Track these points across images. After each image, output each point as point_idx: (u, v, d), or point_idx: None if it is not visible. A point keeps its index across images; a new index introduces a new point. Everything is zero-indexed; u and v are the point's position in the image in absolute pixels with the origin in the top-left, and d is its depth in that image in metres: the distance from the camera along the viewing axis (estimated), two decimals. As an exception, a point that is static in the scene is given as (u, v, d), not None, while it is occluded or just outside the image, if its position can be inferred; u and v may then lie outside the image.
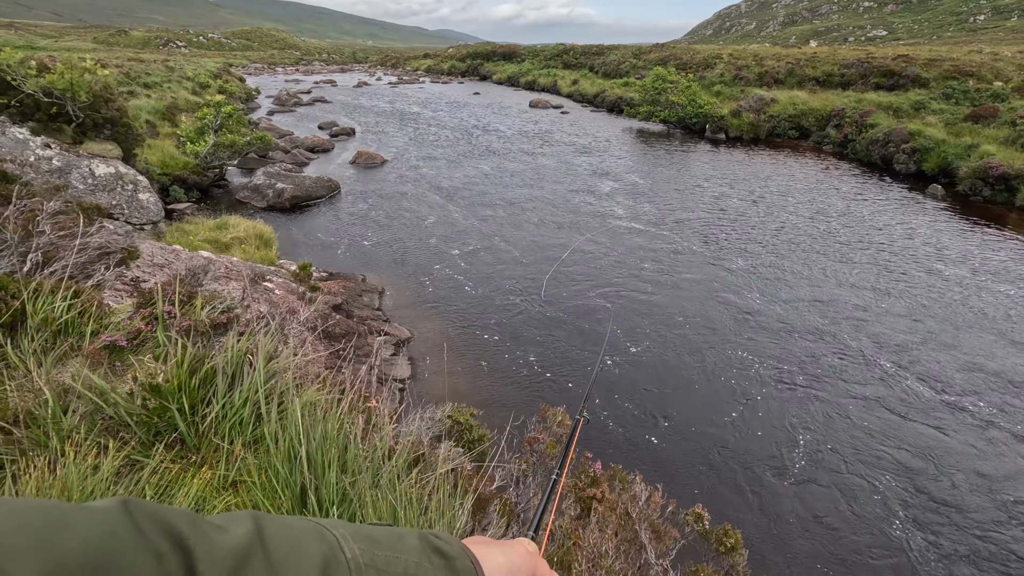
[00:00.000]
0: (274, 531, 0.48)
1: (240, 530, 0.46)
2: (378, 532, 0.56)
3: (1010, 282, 9.51)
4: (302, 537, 0.49)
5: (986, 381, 6.72)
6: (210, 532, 0.44)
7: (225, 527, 0.46)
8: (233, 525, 0.46)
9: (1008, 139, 16.28)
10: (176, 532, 0.42)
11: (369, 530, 0.55)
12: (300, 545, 0.48)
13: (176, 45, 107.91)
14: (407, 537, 0.57)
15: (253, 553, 0.45)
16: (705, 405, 6.34)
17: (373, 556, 0.52)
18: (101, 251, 3.75)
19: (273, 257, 9.73)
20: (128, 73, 26.90)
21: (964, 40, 64.19)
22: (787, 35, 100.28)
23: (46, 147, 9.37)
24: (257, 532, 0.47)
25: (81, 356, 2.45)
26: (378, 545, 0.53)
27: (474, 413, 3.27)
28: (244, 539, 0.45)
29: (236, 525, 0.47)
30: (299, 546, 0.48)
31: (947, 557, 4.43)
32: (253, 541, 0.45)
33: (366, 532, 0.54)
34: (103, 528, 0.38)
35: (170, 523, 0.42)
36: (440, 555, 0.58)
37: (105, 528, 0.38)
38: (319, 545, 0.49)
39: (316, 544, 0.49)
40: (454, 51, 76.89)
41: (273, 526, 0.48)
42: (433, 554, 0.57)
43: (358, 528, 0.55)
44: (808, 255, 10.66)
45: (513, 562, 0.65)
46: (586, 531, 2.22)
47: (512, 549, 0.68)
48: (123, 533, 0.39)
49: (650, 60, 39.12)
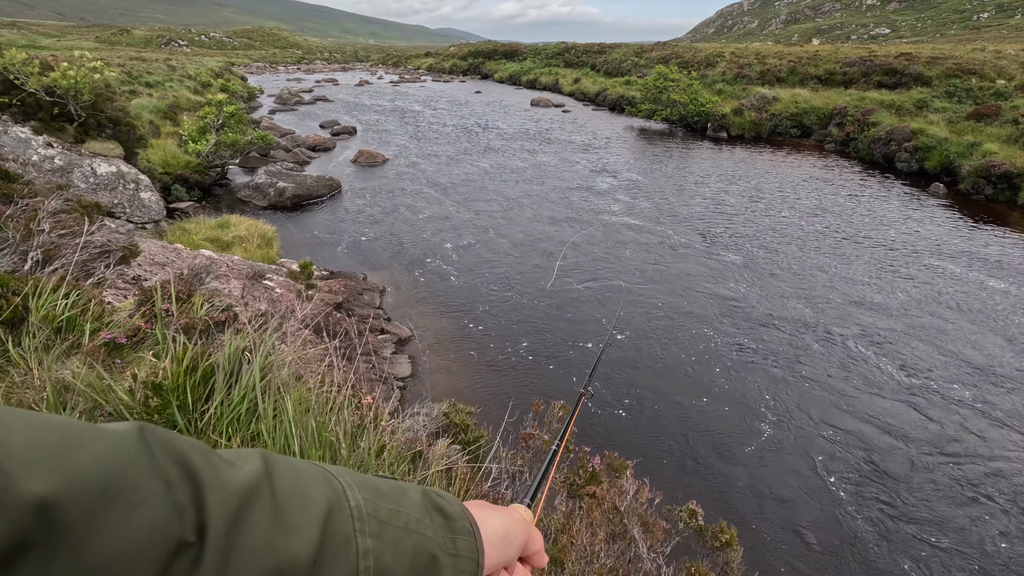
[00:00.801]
0: (282, 472, 0.48)
1: (249, 467, 0.46)
2: (383, 484, 0.56)
3: (1003, 278, 9.50)
4: (308, 481, 0.49)
5: (975, 373, 6.72)
6: (220, 466, 0.44)
7: (235, 463, 0.46)
8: (243, 461, 0.47)
9: (1011, 137, 16.23)
10: (188, 462, 0.42)
11: (374, 481, 0.56)
12: (306, 488, 0.48)
13: (178, 44, 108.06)
14: (411, 492, 0.58)
15: (261, 491, 0.45)
16: (699, 396, 6.36)
17: (376, 507, 0.52)
18: (102, 249, 3.77)
19: (274, 256, 9.76)
20: (130, 72, 26.96)
21: (967, 38, 63.93)
22: (789, 33, 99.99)
23: (48, 146, 9.42)
24: (266, 471, 0.47)
25: (81, 353, 2.47)
26: (382, 496, 0.54)
27: (471, 412, 3.29)
28: (253, 476, 0.46)
29: (246, 462, 0.47)
30: (305, 489, 0.48)
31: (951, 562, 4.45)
32: (262, 479, 0.46)
33: (371, 483, 0.55)
34: (116, 450, 0.38)
35: (182, 453, 0.42)
36: (441, 513, 0.58)
37: (118, 450, 0.39)
38: (324, 490, 0.50)
39: (322, 489, 0.50)
40: (456, 50, 76.86)
41: (281, 467, 0.49)
42: (435, 512, 0.58)
43: (364, 478, 0.55)
44: (806, 252, 10.65)
45: (509, 528, 0.66)
46: (579, 527, 2.24)
47: (509, 516, 0.68)
48: (135, 457, 0.39)
49: (652, 58, 39.06)
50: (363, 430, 2.16)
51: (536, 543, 0.72)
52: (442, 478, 2.22)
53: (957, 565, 4.36)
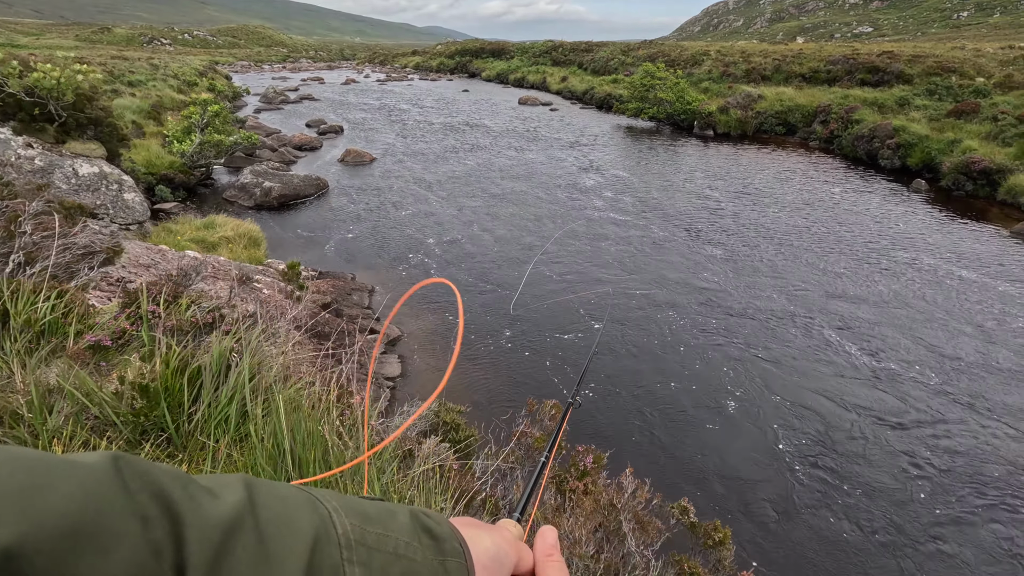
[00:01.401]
0: (265, 500, 0.46)
1: (232, 497, 0.44)
2: (370, 507, 0.54)
3: (974, 270, 9.70)
4: (294, 509, 0.47)
5: (943, 360, 6.87)
6: (200, 498, 0.42)
7: (216, 492, 0.44)
8: (225, 491, 0.45)
9: (990, 134, 16.53)
10: (166, 495, 0.40)
11: (361, 504, 0.54)
12: (291, 517, 0.47)
13: (161, 43, 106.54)
14: (398, 514, 0.56)
15: (243, 524, 0.43)
16: (687, 392, 6.42)
17: (364, 533, 0.50)
18: (85, 251, 3.73)
19: (261, 256, 9.68)
20: (112, 71, 26.56)
21: (948, 36, 64.96)
22: (774, 32, 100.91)
23: (28, 147, 9.25)
24: (248, 500, 0.45)
25: (66, 356, 2.45)
26: (369, 521, 0.52)
27: (461, 410, 3.29)
28: (235, 508, 0.43)
29: (228, 492, 0.45)
30: (290, 519, 0.46)
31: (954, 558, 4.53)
32: (244, 510, 0.44)
33: (358, 507, 0.53)
34: (88, 487, 0.36)
35: (160, 485, 0.40)
36: (430, 535, 0.57)
37: (90, 487, 0.36)
38: (310, 519, 0.48)
39: (308, 517, 0.48)
40: (443, 48, 76.61)
41: (265, 495, 0.47)
42: (423, 534, 0.56)
43: (350, 501, 0.53)
44: (788, 246, 10.79)
45: (500, 547, 0.64)
46: (569, 522, 2.26)
47: (499, 534, 0.66)
48: (110, 494, 0.37)
49: (639, 57, 39.22)
50: (353, 429, 2.16)
51: (527, 561, 0.68)
52: (432, 476, 2.23)
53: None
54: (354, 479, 1.93)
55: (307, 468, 1.94)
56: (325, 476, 1.52)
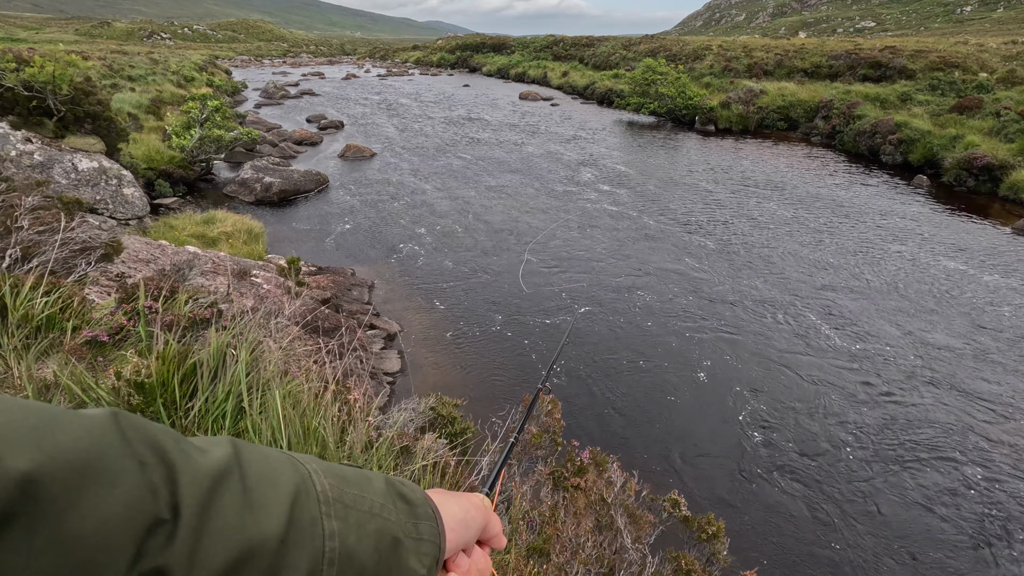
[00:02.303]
0: (251, 457, 0.50)
1: (219, 451, 0.48)
2: (348, 471, 0.59)
3: (972, 264, 9.68)
4: (277, 466, 0.52)
5: (936, 351, 6.87)
6: (191, 451, 0.46)
7: (205, 448, 0.48)
8: (213, 447, 0.49)
9: (992, 130, 16.45)
10: (160, 446, 0.44)
11: (340, 469, 0.58)
12: (274, 472, 0.51)
13: (160, 37, 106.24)
14: (374, 479, 0.61)
15: (231, 474, 0.47)
16: (674, 383, 6.42)
17: (342, 492, 0.55)
18: (83, 246, 3.72)
19: (261, 252, 9.67)
20: (111, 66, 26.49)
21: (951, 31, 64.64)
22: (776, 26, 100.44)
23: (27, 141, 9.24)
24: (235, 455, 0.49)
25: (63, 352, 2.44)
26: (347, 483, 0.56)
27: (457, 404, 3.29)
28: (223, 460, 0.48)
29: (216, 447, 0.49)
30: (273, 473, 0.50)
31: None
32: (231, 463, 0.48)
33: (337, 470, 0.57)
34: (92, 432, 0.40)
35: (155, 437, 0.44)
36: (404, 500, 0.61)
37: (94, 432, 0.40)
38: (292, 475, 0.52)
39: (289, 473, 0.52)
40: (443, 43, 76.33)
41: (250, 453, 0.51)
42: (398, 498, 0.61)
43: (330, 466, 0.58)
44: (785, 240, 10.77)
45: (468, 513, 0.70)
46: (563, 518, 2.26)
47: (468, 501, 0.73)
48: (111, 439, 0.41)
49: (640, 52, 39.06)
50: (351, 425, 2.15)
51: (494, 527, 0.75)
52: (429, 472, 2.23)
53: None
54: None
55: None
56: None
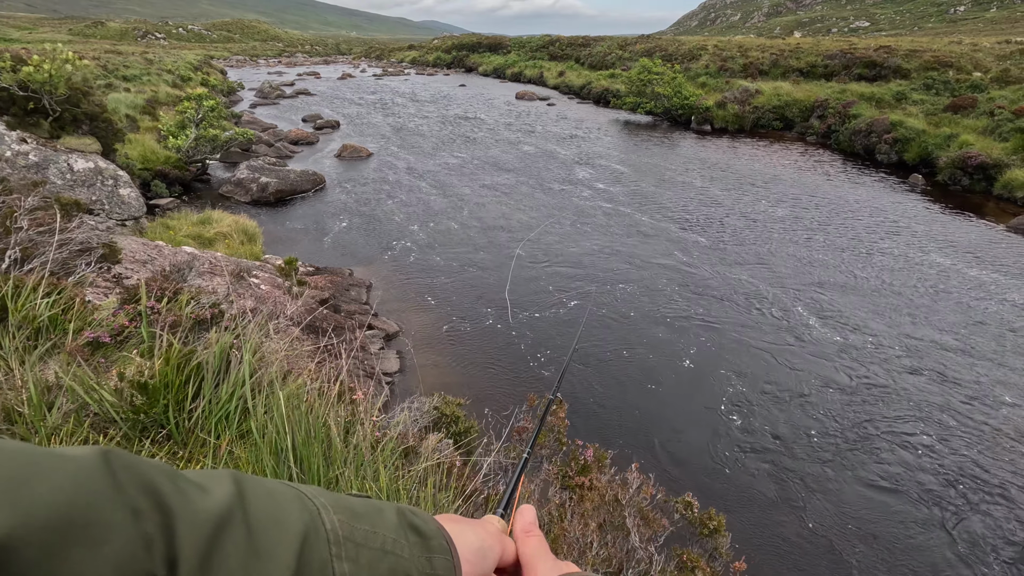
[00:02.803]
0: (255, 495, 0.46)
1: (221, 492, 0.44)
2: (358, 504, 0.55)
3: (964, 261, 9.74)
4: (283, 504, 0.48)
5: (933, 350, 6.92)
6: (190, 492, 0.42)
7: (206, 487, 0.44)
8: (214, 485, 0.45)
9: (986, 129, 16.55)
10: (156, 489, 0.40)
11: (349, 501, 0.55)
12: (281, 512, 0.47)
13: (155, 37, 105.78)
14: (386, 511, 0.57)
15: (233, 517, 0.43)
16: (674, 383, 6.44)
17: (352, 529, 0.51)
18: (82, 247, 3.70)
19: (258, 252, 9.64)
20: (106, 66, 26.35)
21: (944, 31, 65.01)
22: (771, 26, 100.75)
23: (22, 142, 9.18)
24: (238, 495, 0.45)
25: (65, 353, 2.43)
26: (358, 518, 0.53)
27: (460, 403, 3.29)
28: (225, 502, 0.44)
29: (217, 485, 0.45)
30: (280, 513, 0.47)
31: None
32: (234, 505, 0.44)
33: (346, 503, 0.54)
34: (78, 479, 0.36)
35: (150, 478, 0.40)
36: (416, 532, 0.58)
37: (80, 479, 0.36)
38: (300, 514, 0.48)
39: (297, 513, 0.48)
40: (439, 42, 76.26)
41: (254, 490, 0.47)
42: (410, 531, 0.57)
43: (338, 498, 0.54)
44: (777, 238, 10.82)
45: (484, 542, 0.66)
46: (573, 519, 2.26)
47: (483, 528, 0.68)
48: (100, 486, 0.36)
49: (636, 52, 39.12)
50: (355, 426, 2.15)
51: (511, 554, 0.71)
52: (434, 472, 2.23)
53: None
54: (358, 475, 1.93)
55: (309, 464, 1.93)
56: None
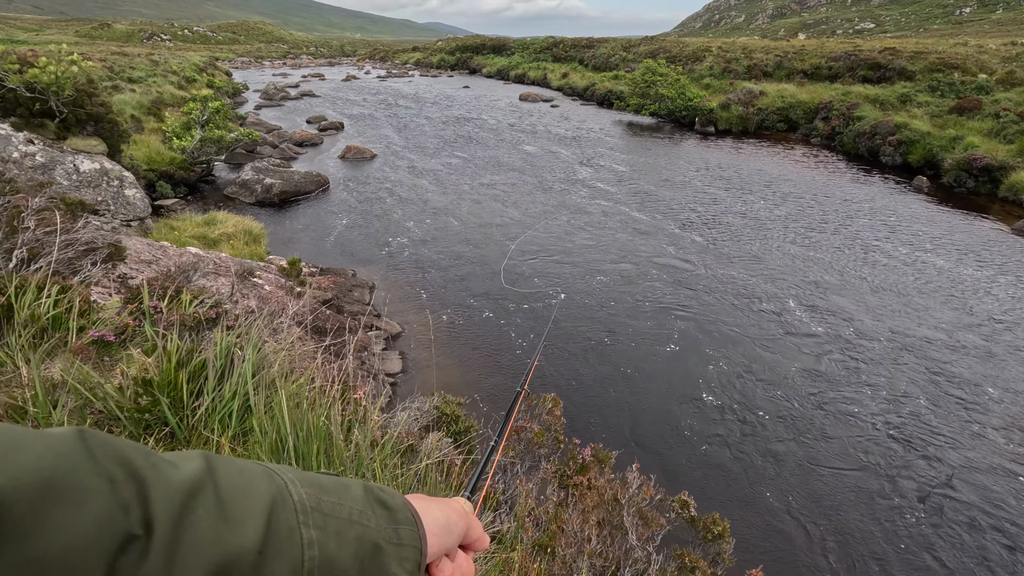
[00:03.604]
0: (224, 470, 0.50)
1: (192, 465, 0.48)
2: (325, 480, 0.58)
3: (968, 264, 9.70)
4: (251, 478, 0.51)
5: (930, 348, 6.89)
6: (162, 466, 0.45)
7: (176, 463, 0.47)
8: (184, 461, 0.48)
9: (992, 131, 16.49)
10: (130, 462, 0.43)
11: (317, 478, 0.58)
12: (249, 484, 0.50)
13: (160, 38, 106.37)
14: (352, 487, 0.60)
15: (204, 487, 0.46)
16: (670, 376, 6.44)
17: (319, 500, 0.54)
18: (87, 247, 3.74)
19: (262, 253, 9.69)
20: (112, 67, 26.51)
21: (950, 33, 64.75)
22: (776, 28, 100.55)
23: (29, 143, 9.25)
24: (208, 469, 0.48)
25: (69, 351, 2.46)
26: (324, 491, 0.56)
27: (461, 403, 3.31)
28: (196, 474, 0.47)
29: (187, 461, 0.48)
30: (248, 485, 0.50)
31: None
32: (204, 476, 0.47)
33: (314, 479, 0.57)
34: (57, 451, 0.39)
35: (124, 453, 0.43)
36: (383, 506, 0.61)
37: (60, 451, 0.39)
38: (267, 486, 0.51)
39: (265, 485, 0.51)
40: (443, 44, 76.40)
41: (224, 466, 0.50)
42: (377, 504, 0.60)
43: (306, 475, 0.57)
44: (777, 239, 10.81)
45: (449, 518, 0.70)
46: (569, 514, 2.27)
47: (449, 507, 0.72)
48: (77, 458, 0.40)
49: (640, 53, 39.12)
50: (356, 424, 2.17)
51: (476, 531, 0.75)
52: (434, 471, 2.24)
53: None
54: (358, 472, 1.95)
55: (310, 462, 1.95)
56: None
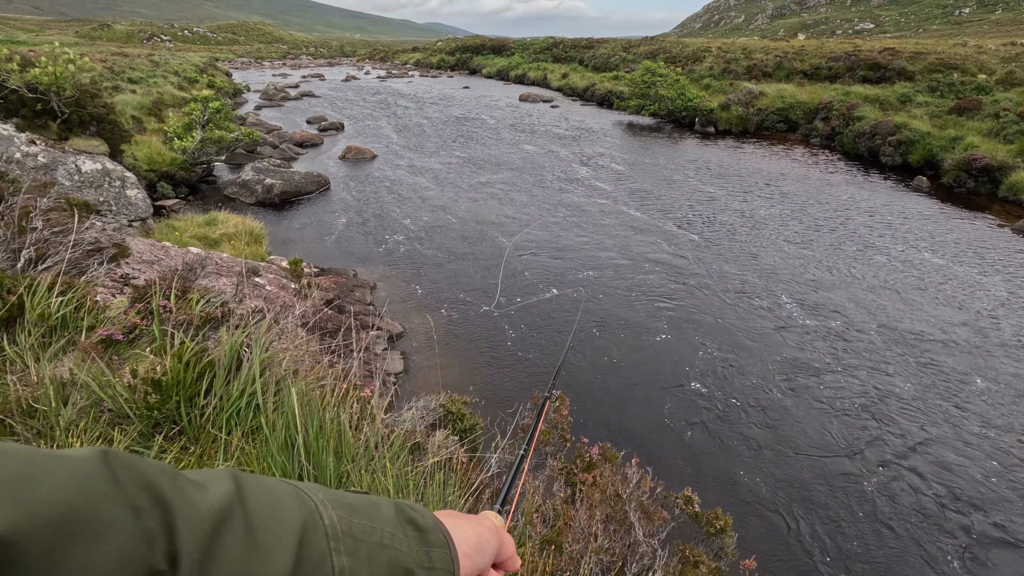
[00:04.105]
0: (254, 492, 0.47)
1: (220, 489, 0.45)
2: (355, 500, 0.56)
3: (966, 263, 9.73)
4: (282, 500, 0.49)
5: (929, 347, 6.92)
6: (189, 489, 0.43)
7: (205, 485, 0.45)
8: (213, 483, 0.46)
9: (991, 131, 16.52)
10: (155, 487, 0.41)
11: (347, 497, 0.56)
12: (279, 507, 0.48)
13: (161, 39, 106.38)
14: (383, 506, 0.58)
15: (233, 514, 0.44)
16: (672, 377, 6.46)
17: (351, 524, 0.52)
18: (93, 247, 3.76)
19: (263, 253, 9.70)
20: (112, 68, 26.52)
21: (949, 33, 64.81)
22: (775, 28, 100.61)
23: (31, 143, 9.27)
24: (237, 492, 0.46)
25: (78, 350, 2.48)
26: (355, 513, 0.54)
27: (466, 402, 3.33)
28: (224, 498, 0.45)
29: (216, 483, 0.46)
30: (278, 508, 0.48)
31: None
32: (233, 501, 0.45)
33: (344, 499, 0.55)
34: (78, 479, 0.37)
35: (150, 477, 0.41)
36: (415, 527, 0.59)
37: (80, 478, 0.37)
38: (298, 509, 0.49)
39: (296, 508, 0.49)
40: (443, 44, 76.45)
41: (253, 487, 0.48)
42: (408, 525, 0.58)
43: (336, 494, 0.55)
44: (777, 239, 10.82)
45: (482, 536, 0.68)
46: (580, 509, 2.30)
47: (480, 524, 0.70)
48: (100, 485, 0.37)
49: (640, 53, 39.16)
50: (364, 422, 2.19)
51: (508, 548, 0.73)
52: (441, 468, 2.26)
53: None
54: (368, 469, 1.97)
55: (319, 458, 1.97)
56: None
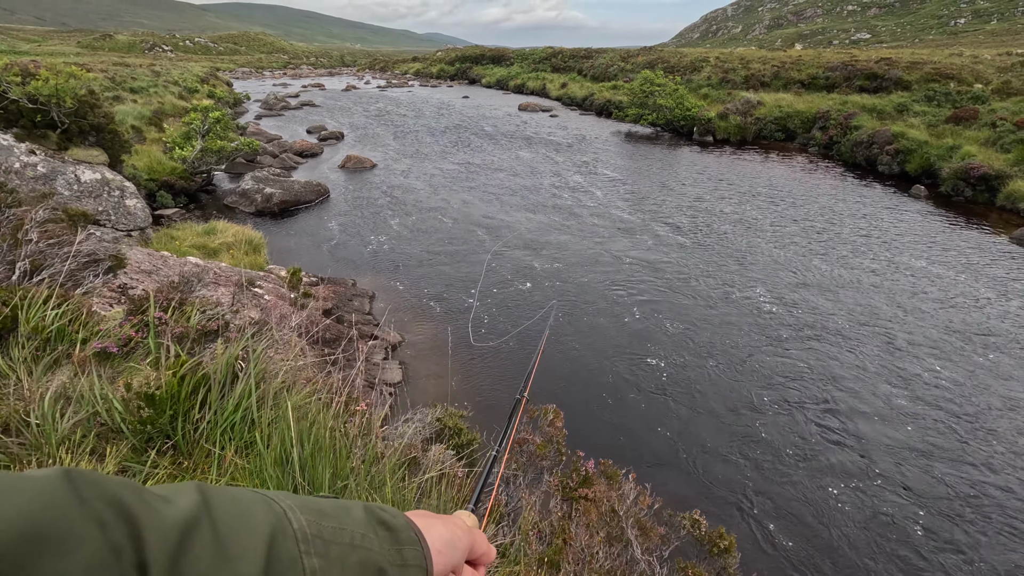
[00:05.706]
0: (220, 502, 0.48)
1: (186, 500, 0.46)
2: (325, 504, 0.57)
3: (960, 269, 9.73)
4: (249, 508, 0.49)
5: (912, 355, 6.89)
6: (155, 503, 0.43)
7: (170, 498, 0.46)
8: (178, 496, 0.46)
9: (988, 140, 16.59)
10: (120, 502, 0.41)
11: (316, 502, 0.56)
12: (247, 515, 0.48)
13: (162, 49, 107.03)
14: (353, 509, 0.59)
15: (200, 523, 0.45)
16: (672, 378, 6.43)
17: (320, 527, 0.53)
18: (89, 258, 3.74)
19: (262, 262, 9.69)
20: (113, 78, 26.67)
21: (945, 43, 65.32)
22: (773, 38, 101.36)
23: (31, 153, 9.29)
24: (203, 503, 0.47)
25: (72, 363, 2.46)
26: (325, 516, 0.54)
27: (463, 415, 3.30)
28: (190, 509, 0.45)
29: (181, 496, 0.46)
30: (246, 516, 0.48)
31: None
32: (199, 511, 0.45)
33: (313, 504, 0.55)
34: (42, 497, 0.37)
35: (114, 492, 0.41)
36: (385, 527, 0.60)
37: (44, 497, 0.37)
38: (266, 516, 0.50)
39: (263, 515, 0.49)
40: (443, 54, 76.98)
41: (219, 497, 0.48)
42: (379, 526, 0.59)
43: (305, 500, 0.55)
44: (775, 247, 10.81)
45: (454, 534, 0.69)
46: (575, 529, 2.27)
47: (453, 523, 0.71)
48: (63, 502, 0.38)
49: (638, 63, 39.41)
50: (360, 437, 2.17)
51: (481, 545, 0.74)
52: (438, 483, 2.24)
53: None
54: (364, 484, 1.94)
55: (315, 474, 1.95)
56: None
